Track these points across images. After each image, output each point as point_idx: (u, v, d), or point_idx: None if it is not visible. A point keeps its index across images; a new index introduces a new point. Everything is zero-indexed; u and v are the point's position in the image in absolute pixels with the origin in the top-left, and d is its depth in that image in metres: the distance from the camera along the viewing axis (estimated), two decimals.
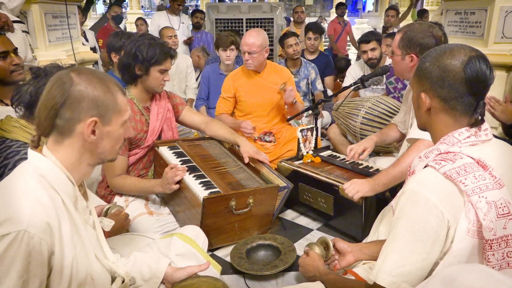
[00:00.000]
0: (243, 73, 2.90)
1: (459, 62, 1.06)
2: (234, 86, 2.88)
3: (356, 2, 26.46)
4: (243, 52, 2.74)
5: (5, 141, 1.62)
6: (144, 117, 2.17)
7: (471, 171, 1.03)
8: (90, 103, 1.04)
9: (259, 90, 2.85)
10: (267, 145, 2.85)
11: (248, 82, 2.86)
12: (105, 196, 2.18)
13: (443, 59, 1.09)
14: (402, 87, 2.92)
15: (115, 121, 1.10)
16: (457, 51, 1.09)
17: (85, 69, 1.13)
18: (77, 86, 1.04)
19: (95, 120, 1.05)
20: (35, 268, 0.95)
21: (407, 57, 1.86)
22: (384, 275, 1.08)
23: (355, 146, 2.12)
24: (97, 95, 1.05)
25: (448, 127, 1.12)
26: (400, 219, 1.08)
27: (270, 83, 2.87)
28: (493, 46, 3.15)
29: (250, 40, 2.69)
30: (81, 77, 1.05)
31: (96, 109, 1.05)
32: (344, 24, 6.67)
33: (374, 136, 2.20)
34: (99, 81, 1.07)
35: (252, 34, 2.72)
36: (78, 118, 1.04)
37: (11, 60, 2.00)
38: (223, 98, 2.93)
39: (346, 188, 1.89)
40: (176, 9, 5.12)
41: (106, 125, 1.08)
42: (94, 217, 1.21)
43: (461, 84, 1.06)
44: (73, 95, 1.03)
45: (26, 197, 0.97)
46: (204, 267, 1.38)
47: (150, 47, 2.05)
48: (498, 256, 1.00)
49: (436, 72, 1.09)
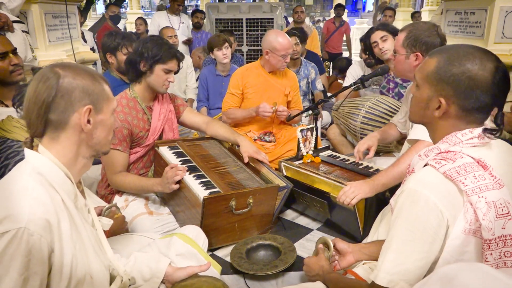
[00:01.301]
0: (253, 71, 2.88)
1: (490, 74, 1.03)
2: (243, 82, 2.86)
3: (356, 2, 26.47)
4: (285, 55, 2.72)
5: (6, 141, 1.62)
6: (146, 116, 2.18)
7: (471, 170, 1.03)
8: (81, 92, 1.06)
9: (267, 90, 2.85)
10: (267, 145, 2.85)
11: (257, 80, 2.85)
12: (105, 195, 2.18)
13: (474, 69, 1.04)
14: (394, 86, 2.92)
15: (106, 109, 1.13)
16: (486, 61, 1.05)
17: (67, 63, 1.14)
18: (65, 78, 1.05)
19: (90, 108, 1.07)
20: (36, 266, 0.95)
21: (411, 55, 1.86)
22: (383, 273, 1.08)
23: (359, 146, 2.11)
24: (86, 84, 1.07)
25: (454, 129, 1.11)
26: (399, 218, 1.08)
27: (279, 85, 2.88)
28: (493, 46, 3.15)
29: (291, 42, 2.79)
30: (66, 69, 1.07)
31: (88, 98, 1.07)
32: (340, 24, 6.83)
33: (377, 133, 2.20)
34: (84, 72, 1.09)
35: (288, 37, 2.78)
36: (72, 109, 1.05)
37: (10, 60, 2.00)
38: (231, 93, 2.89)
39: (346, 191, 1.88)
40: (176, 9, 5.12)
41: (98, 113, 1.11)
42: (93, 215, 1.21)
43: (488, 96, 1.04)
44: (63, 87, 1.04)
45: (25, 195, 0.97)
46: (204, 267, 1.38)
47: (157, 46, 2.07)
48: (495, 256, 1.00)
49: (466, 82, 1.04)
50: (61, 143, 1.07)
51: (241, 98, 2.91)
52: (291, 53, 2.82)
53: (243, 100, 2.91)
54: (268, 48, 2.73)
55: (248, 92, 2.86)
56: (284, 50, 2.70)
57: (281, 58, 2.72)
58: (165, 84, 2.13)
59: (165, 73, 2.11)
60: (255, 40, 5.13)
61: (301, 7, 6.49)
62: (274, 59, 2.74)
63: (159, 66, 2.08)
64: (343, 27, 6.86)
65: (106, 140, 1.16)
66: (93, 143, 1.12)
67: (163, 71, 2.09)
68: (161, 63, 2.08)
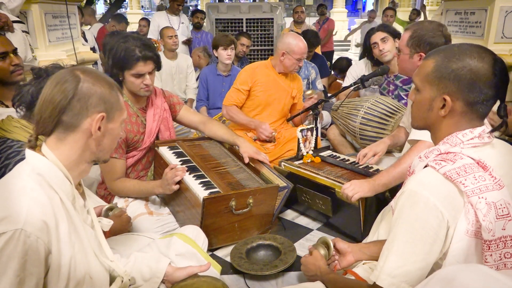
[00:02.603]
0: (263, 70, 2.88)
1: (489, 65, 1.04)
2: (253, 80, 2.84)
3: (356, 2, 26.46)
4: (300, 58, 2.75)
5: (6, 141, 1.62)
6: (140, 119, 2.14)
7: (471, 171, 1.03)
8: (98, 99, 1.08)
9: (275, 90, 2.86)
10: (267, 145, 2.85)
11: (266, 79, 2.85)
12: (104, 196, 2.18)
13: (473, 62, 1.05)
14: (394, 88, 2.92)
15: (117, 119, 1.15)
16: (484, 54, 1.06)
17: (87, 68, 1.16)
18: (85, 82, 1.07)
19: (103, 115, 1.09)
20: (32, 267, 0.95)
21: (415, 55, 1.85)
22: (384, 275, 1.08)
23: (366, 151, 2.11)
24: (104, 92, 1.09)
25: (457, 128, 1.11)
26: (399, 219, 1.08)
27: (286, 86, 2.90)
28: (493, 46, 3.15)
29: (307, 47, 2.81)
30: (87, 74, 1.09)
31: (103, 105, 1.09)
32: (323, 22, 6.98)
33: (387, 139, 2.19)
34: (103, 79, 1.11)
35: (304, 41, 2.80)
36: (86, 114, 1.07)
37: (10, 61, 2.00)
38: (237, 89, 2.86)
39: (346, 188, 1.88)
40: (176, 9, 5.12)
41: (110, 122, 1.12)
42: (92, 216, 1.22)
43: (490, 88, 1.05)
44: (81, 91, 1.06)
45: (23, 196, 0.97)
46: (204, 268, 1.38)
47: (121, 51, 1.93)
48: (495, 257, 1.00)
49: (467, 75, 1.05)
50: (67, 145, 1.08)
51: (246, 95, 2.88)
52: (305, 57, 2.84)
53: (249, 97, 2.90)
54: (286, 49, 2.76)
55: (257, 90, 2.85)
56: (300, 54, 2.75)
57: (296, 61, 2.77)
58: (142, 87, 2.01)
59: (137, 78, 1.98)
60: (255, 40, 5.13)
61: (301, 7, 6.49)
62: (289, 61, 2.78)
63: (127, 72, 1.97)
64: (326, 23, 6.96)
65: (110, 148, 1.18)
66: (98, 149, 1.13)
67: (133, 76, 1.97)
68: (128, 69, 1.96)
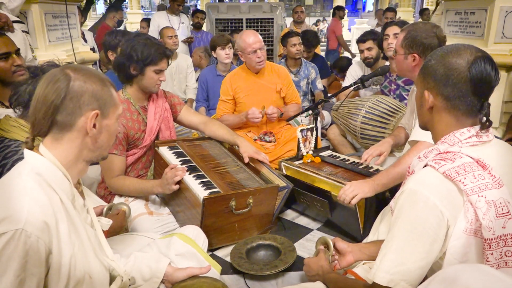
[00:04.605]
0: (241, 75, 2.89)
1: (464, 61, 1.07)
2: (233, 88, 2.86)
3: (356, 2, 26.47)
4: (254, 51, 2.70)
5: (4, 140, 1.62)
6: (141, 117, 2.16)
7: (470, 170, 1.03)
8: (90, 96, 1.07)
9: (258, 91, 2.85)
10: (267, 145, 2.84)
11: (246, 83, 2.85)
12: (104, 196, 2.18)
13: (449, 58, 1.09)
14: (396, 87, 2.92)
15: (112, 115, 1.14)
16: (463, 51, 1.09)
17: (78, 66, 1.15)
18: (76, 81, 1.06)
19: (97, 113, 1.08)
20: (33, 267, 0.95)
21: (409, 56, 1.85)
22: (382, 273, 1.08)
23: (371, 151, 2.10)
24: (95, 89, 1.09)
25: (449, 126, 1.12)
26: (399, 218, 1.08)
27: (269, 83, 2.87)
28: (493, 46, 3.15)
29: (257, 37, 2.73)
30: (78, 72, 1.08)
31: (96, 102, 1.09)
32: None
33: (390, 139, 2.18)
34: (95, 76, 1.11)
35: (253, 32, 2.76)
36: (80, 112, 1.06)
37: (12, 61, 2.00)
38: (222, 101, 2.91)
39: (346, 189, 1.88)
40: (176, 9, 5.12)
41: (105, 118, 1.12)
42: (92, 215, 1.22)
43: (465, 83, 1.07)
44: (73, 90, 1.05)
45: (23, 196, 0.97)
46: (204, 270, 1.38)
47: (145, 47, 2.03)
48: (496, 255, 1.00)
49: (441, 70, 1.10)
50: (64, 144, 1.08)
51: (233, 104, 2.92)
52: (262, 46, 2.74)
53: (236, 104, 2.92)
54: (239, 50, 2.79)
55: (240, 97, 2.86)
56: (250, 47, 2.70)
57: (253, 55, 2.72)
58: (157, 83, 2.12)
59: (157, 74, 2.09)
60: None
61: (301, 7, 6.50)
62: (246, 59, 2.78)
63: (150, 68, 2.05)
64: None
65: (108, 145, 1.17)
66: (95, 147, 1.13)
67: (155, 72, 2.07)
68: (152, 65, 2.05)
